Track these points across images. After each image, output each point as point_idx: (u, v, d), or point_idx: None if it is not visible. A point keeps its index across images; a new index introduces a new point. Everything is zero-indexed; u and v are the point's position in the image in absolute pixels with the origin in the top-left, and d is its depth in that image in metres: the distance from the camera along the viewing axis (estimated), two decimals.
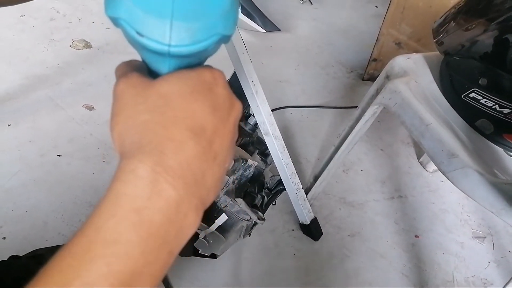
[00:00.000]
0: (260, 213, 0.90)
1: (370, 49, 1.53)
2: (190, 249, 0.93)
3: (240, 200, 0.80)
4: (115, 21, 0.25)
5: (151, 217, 0.22)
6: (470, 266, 1.08)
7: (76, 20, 1.60)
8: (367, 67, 1.57)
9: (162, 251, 0.22)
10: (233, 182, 0.82)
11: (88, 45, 1.49)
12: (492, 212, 0.61)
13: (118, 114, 0.25)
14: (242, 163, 0.84)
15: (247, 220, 0.81)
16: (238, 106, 0.28)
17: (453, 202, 1.22)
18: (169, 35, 0.24)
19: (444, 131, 0.66)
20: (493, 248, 1.13)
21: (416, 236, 1.12)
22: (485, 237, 1.15)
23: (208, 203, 0.26)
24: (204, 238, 0.81)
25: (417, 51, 1.48)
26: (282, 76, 1.55)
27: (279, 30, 1.75)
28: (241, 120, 0.81)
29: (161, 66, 0.27)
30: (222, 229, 0.82)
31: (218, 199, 0.79)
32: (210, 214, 0.81)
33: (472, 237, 1.15)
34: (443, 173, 0.65)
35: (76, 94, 1.30)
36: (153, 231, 0.22)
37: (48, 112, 1.22)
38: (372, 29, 1.82)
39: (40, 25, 1.53)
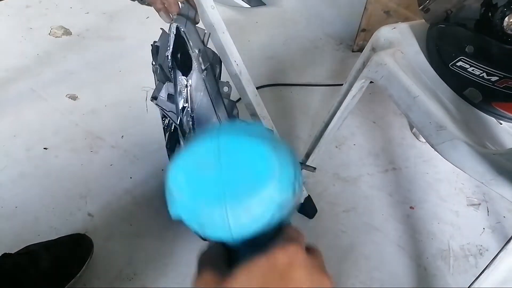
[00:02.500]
0: None
1: (359, 18, 1.49)
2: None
3: None
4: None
5: None
6: (465, 233, 1.08)
7: (53, 6, 1.54)
8: (356, 38, 1.53)
9: None
10: None
11: (67, 32, 1.44)
12: (482, 183, 0.60)
13: None
14: None
15: None
16: (327, 283, 0.24)
17: (447, 171, 1.21)
18: (228, 223, 0.25)
19: (431, 103, 0.64)
20: (488, 215, 1.13)
21: (411, 207, 1.12)
22: (479, 204, 1.15)
23: None
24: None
25: (407, 19, 1.44)
26: (270, 52, 1.51)
27: (264, 4, 1.70)
28: None
29: (232, 245, 0.27)
30: None
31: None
32: None
33: (467, 205, 1.14)
34: (432, 146, 0.63)
35: (58, 84, 1.27)
36: None
37: (30, 105, 1.19)
38: None
39: (16, 14, 1.48)
